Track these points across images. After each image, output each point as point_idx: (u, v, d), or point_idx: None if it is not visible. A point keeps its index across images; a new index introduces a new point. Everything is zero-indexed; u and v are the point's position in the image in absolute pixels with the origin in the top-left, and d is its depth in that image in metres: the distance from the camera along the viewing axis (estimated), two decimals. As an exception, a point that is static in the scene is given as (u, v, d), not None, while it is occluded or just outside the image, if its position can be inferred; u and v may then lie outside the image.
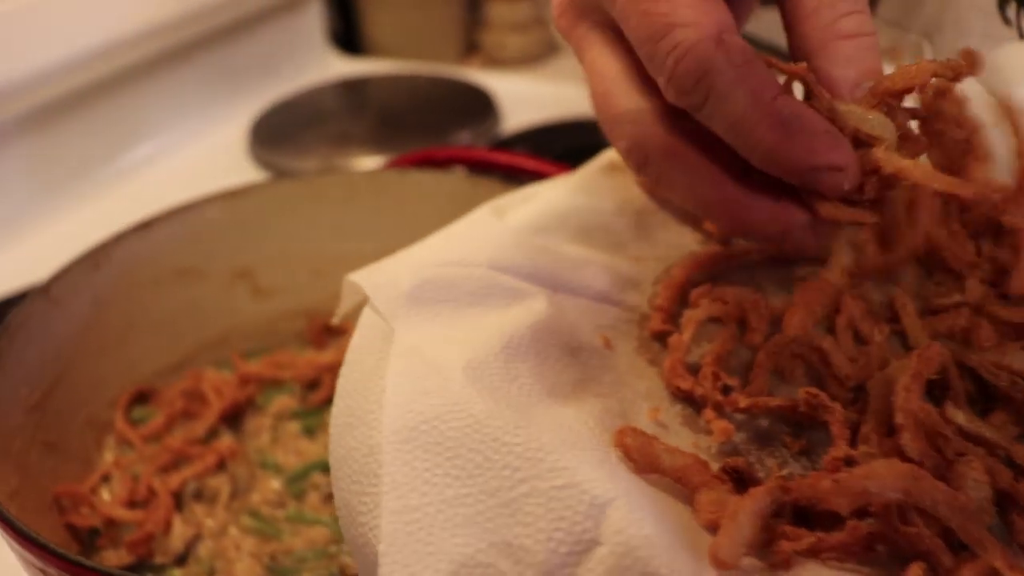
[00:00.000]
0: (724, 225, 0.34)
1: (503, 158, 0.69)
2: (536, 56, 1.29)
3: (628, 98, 0.35)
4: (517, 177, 0.67)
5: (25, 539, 0.42)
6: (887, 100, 0.34)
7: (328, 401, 0.63)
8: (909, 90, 0.34)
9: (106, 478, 0.58)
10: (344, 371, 0.37)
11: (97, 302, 0.60)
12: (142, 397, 0.64)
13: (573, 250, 0.40)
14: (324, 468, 0.57)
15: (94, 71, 0.96)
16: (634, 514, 0.29)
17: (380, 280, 0.39)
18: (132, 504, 0.55)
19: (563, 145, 1.00)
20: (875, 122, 0.33)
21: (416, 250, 0.42)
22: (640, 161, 0.35)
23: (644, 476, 0.32)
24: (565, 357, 0.36)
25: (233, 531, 0.55)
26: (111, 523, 0.54)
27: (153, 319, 0.64)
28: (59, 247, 0.89)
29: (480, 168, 0.69)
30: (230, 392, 0.61)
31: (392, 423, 0.32)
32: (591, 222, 0.42)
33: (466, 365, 0.34)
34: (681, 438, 0.35)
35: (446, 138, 1.02)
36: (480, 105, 1.09)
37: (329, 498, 0.56)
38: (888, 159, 0.32)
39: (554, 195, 0.43)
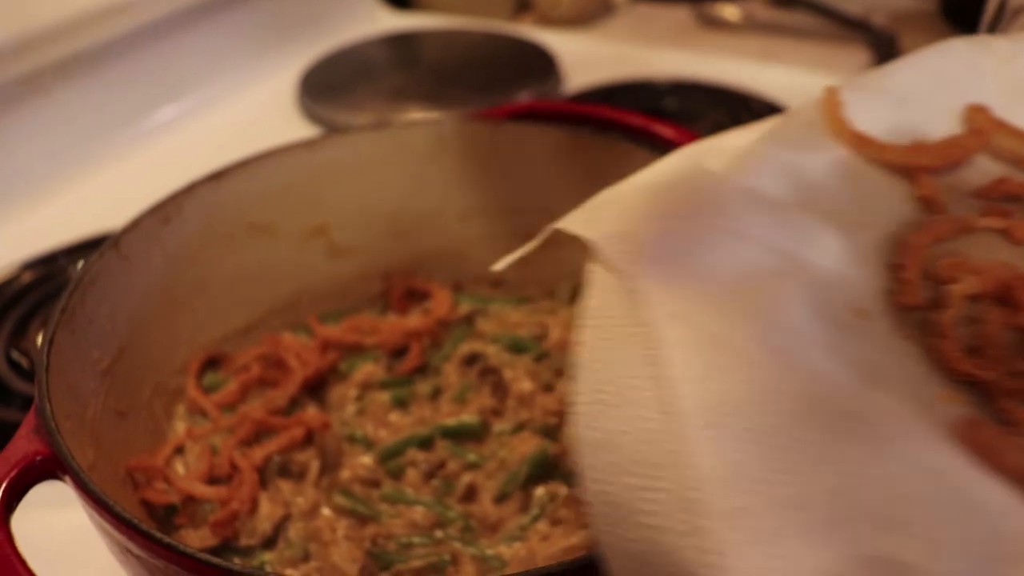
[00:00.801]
0: None
1: (623, 116, 0.63)
2: (590, 15, 1.23)
3: None
4: (622, 133, 0.61)
5: (117, 519, 0.37)
6: None
7: (417, 370, 0.58)
8: None
9: (179, 450, 0.53)
10: (586, 337, 0.31)
11: (167, 259, 0.55)
12: (212, 363, 0.59)
13: (801, 213, 0.34)
14: (421, 443, 0.52)
15: (137, 19, 0.91)
16: None
17: (610, 231, 0.32)
18: (212, 480, 0.50)
19: (631, 107, 0.94)
20: None
21: (631, 199, 0.35)
22: None
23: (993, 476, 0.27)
24: (837, 331, 0.31)
25: (325, 511, 0.50)
26: (189, 500, 0.49)
27: (223, 279, 0.59)
28: (99, 203, 0.84)
29: (582, 123, 0.63)
30: (313, 359, 0.56)
31: (688, 404, 0.27)
32: (808, 182, 0.36)
33: (753, 337, 0.28)
34: None
35: (507, 96, 0.96)
36: (541, 63, 1.03)
37: (429, 476, 0.51)
38: None
39: (759, 150, 0.37)
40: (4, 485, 0.37)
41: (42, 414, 0.40)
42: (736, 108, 1.00)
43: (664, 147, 0.59)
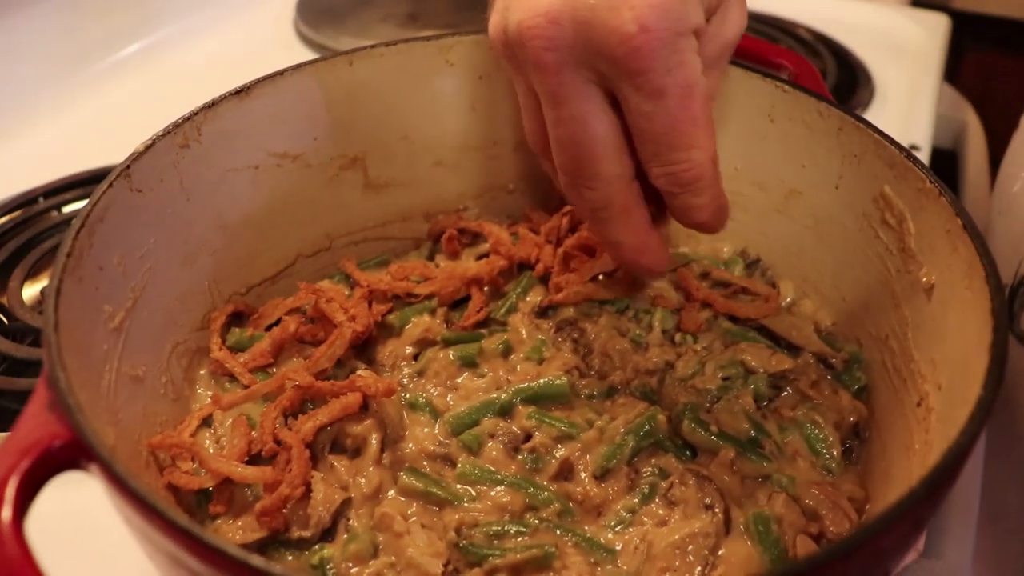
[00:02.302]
0: (634, 261, 0.43)
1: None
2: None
3: (612, 162, 0.40)
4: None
5: (170, 525, 0.28)
6: None
7: (483, 324, 0.49)
8: None
9: (206, 421, 0.44)
10: None
11: (185, 190, 0.46)
12: (235, 317, 0.50)
13: None
14: (500, 410, 0.44)
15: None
16: None
17: None
18: (252, 459, 0.42)
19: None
20: None
21: None
22: (605, 215, 0.42)
23: None
24: None
25: (391, 494, 0.41)
26: (225, 484, 0.41)
27: (246, 218, 0.50)
28: (81, 133, 0.74)
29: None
30: (361, 312, 0.47)
31: None
32: None
33: None
34: None
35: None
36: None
37: (514, 450, 0.42)
38: None
39: None
40: (17, 481, 0.28)
41: (56, 386, 0.31)
42: (779, 35, 0.92)
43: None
